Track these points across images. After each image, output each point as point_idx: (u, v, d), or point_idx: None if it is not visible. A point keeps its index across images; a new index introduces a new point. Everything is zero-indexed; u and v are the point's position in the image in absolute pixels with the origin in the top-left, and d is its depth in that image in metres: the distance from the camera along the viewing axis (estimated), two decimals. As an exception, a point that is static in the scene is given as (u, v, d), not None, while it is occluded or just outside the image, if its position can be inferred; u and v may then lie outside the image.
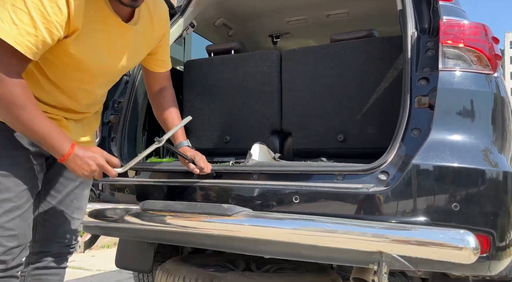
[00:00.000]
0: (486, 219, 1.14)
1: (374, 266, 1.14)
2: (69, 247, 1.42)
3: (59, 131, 1.17)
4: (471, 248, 1.04)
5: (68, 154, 1.16)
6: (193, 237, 1.44)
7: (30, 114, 1.09)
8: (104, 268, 3.93)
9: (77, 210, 1.42)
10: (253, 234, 1.28)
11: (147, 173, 1.71)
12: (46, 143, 1.14)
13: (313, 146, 1.94)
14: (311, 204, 1.33)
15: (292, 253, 1.32)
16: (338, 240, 1.17)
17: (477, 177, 1.17)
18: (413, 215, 1.19)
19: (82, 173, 1.20)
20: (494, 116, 1.26)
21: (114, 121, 1.90)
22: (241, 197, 1.44)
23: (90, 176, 1.21)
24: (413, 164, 1.21)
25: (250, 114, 2.07)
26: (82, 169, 1.19)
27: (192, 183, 1.54)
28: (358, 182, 1.30)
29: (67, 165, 1.21)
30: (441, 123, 1.25)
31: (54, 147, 1.15)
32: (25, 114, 1.09)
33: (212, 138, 2.18)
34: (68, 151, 1.15)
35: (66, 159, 1.17)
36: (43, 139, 1.13)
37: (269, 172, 1.47)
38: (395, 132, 1.33)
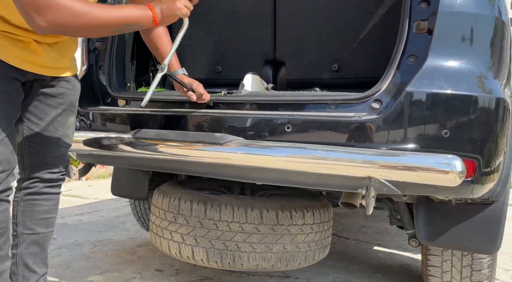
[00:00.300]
0: (474, 145, 1.16)
1: (363, 191, 1.18)
2: (59, 173, 1.44)
3: (130, 5, 1.18)
4: (457, 172, 1.07)
5: (155, 15, 1.15)
6: (186, 165, 1.47)
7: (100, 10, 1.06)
8: (101, 196, 4.07)
9: (64, 138, 1.42)
10: (245, 162, 1.30)
11: (138, 102, 1.68)
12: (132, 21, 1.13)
13: (307, 76, 1.90)
14: (304, 133, 1.34)
15: (283, 179, 1.35)
16: (329, 166, 1.19)
17: (470, 104, 1.16)
18: (404, 142, 1.20)
19: (182, 13, 1.21)
20: (493, 41, 1.22)
21: (101, 48, 1.83)
22: (233, 126, 1.44)
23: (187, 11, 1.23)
24: (407, 92, 1.20)
25: (242, 43, 2.00)
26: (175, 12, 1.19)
27: (184, 113, 1.53)
28: (351, 111, 1.30)
29: (166, 23, 1.23)
30: (439, 49, 1.21)
31: (141, 20, 1.14)
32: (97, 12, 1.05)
33: (203, 68, 2.12)
34: (152, 12, 1.15)
35: (157, 20, 1.16)
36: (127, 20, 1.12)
37: (262, 102, 1.46)
38: (391, 59, 1.30)
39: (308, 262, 1.64)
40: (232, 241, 1.53)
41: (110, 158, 1.66)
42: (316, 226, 1.62)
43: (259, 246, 1.53)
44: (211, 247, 1.54)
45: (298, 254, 1.59)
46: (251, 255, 1.54)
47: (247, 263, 1.54)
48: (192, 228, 1.57)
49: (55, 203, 1.48)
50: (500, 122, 1.19)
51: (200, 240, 1.55)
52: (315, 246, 1.63)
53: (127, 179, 2.23)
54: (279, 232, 1.54)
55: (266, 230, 1.53)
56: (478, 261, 1.64)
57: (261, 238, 1.53)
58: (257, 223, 1.53)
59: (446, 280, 1.74)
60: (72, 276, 1.97)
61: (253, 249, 1.53)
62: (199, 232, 1.55)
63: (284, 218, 1.55)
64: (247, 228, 1.53)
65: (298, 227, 1.56)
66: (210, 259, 1.55)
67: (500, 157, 1.24)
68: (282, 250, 1.55)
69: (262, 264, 1.55)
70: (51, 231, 1.48)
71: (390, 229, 3.04)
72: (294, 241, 1.57)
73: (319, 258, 1.68)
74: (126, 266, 2.13)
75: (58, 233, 2.70)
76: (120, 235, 2.73)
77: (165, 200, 1.64)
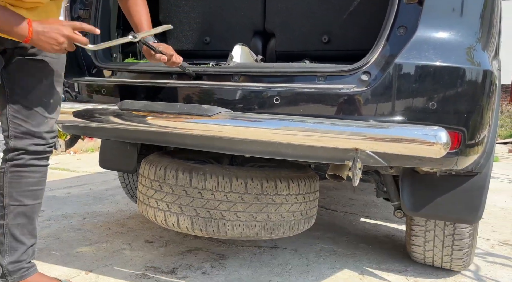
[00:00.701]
0: (459, 117, 1.17)
1: (349, 163, 1.20)
2: (45, 146, 1.42)
3: (11, 12, 1.09)
4: (442, 144, 1.09)
5: (30, 33, 1.10)
6: (173, 137, 1.46)
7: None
8: (90, 170, 4.05)
9: (49, 109, 1.39)
10: (232, 134, 1.30)
11: (124, 73, 1.65)
12: (3, 28, 1.08)
13: (296, 48, 1.88)
14: (292, 105, 1.33)
15: (271, 152, 1.36)
16: (316, 138, 1.20)
17: (457, 76, 1.16)
18: (392, 114, 1.21)
19: (52, 48, 1.16)
20: (483, 12, 1.21)
21: (84, 17, 1.76)
22: (221, 98, 1.43)
23: (62, 50, 1.18)
24: (395, 64, 1.20)
25: (231, 13, 1.96)
26: (50, 44, 1.14)
27: (172, 85, 1.50)
28: (340, 83, 1.29)
29: (35, 45, 1.17)
30: (429, 19, 1.20)
31: (13, 30, 1.08)
32: None
33: (191, 39, 2.08)
34: (28, 30, 1.10)
35: (30, 38, 1.11)
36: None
37: (250, 73, 1.44)
38: (381, 30, 1.28)
39: (292, 232, 1.66)
40: (216, 209, 1.55)
41: (95, 130, 1.64)
42: (301, 197, 1.64)
43: (243, 215, 1.56)
44: (196, 215, 1.57)
45: (283, 223, 1.61)
46: (235, 223, 1.56)
47: (231, 231, 1.57)
48: (177, 196, 1.59)
49: (43, 175, 1.46)
50: (486, 95, 1.20)
51: (185, 208, 1.58)
52: (300, 216, 1.66)
53: (115, 152, 2.22)
54: (264, 201, 1.56)
55: (250, 199, 1.55)
56: (459, 231, 1.69)
57: (246, 207, 1.56)
58: (242, 192, 1.55)
59: (429, 249, 1.80)
60: (61, 247, 1.98)
61: (237, 218, 1.56)
62: (184, 200, 1.58)
63: (268, 188, 1.56)
64: (232, 197, 1.55)
65: (282, 197, 1.58)
66: (195, 227, 1.58)
67: (485, 129, 1.26)
68: (266, 219, 1.58)
69: (246, 232, 1.58)
70: (39, 203, 1.47)
71: (377, 202, 3.11)
72: (278, 211, 1.59)
73: (303, 228, 1.71)
74: (115, 237, 2.15)
75: (47, 205, 2.70)
76: (109, 207, 2.74)
77: (152, 169, 1.65)
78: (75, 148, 5.41)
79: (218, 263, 1.88)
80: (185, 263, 1.86)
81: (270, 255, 2.00)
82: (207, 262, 1.87)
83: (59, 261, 1.83)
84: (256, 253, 2.02)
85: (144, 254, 1.95)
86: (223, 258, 1.94)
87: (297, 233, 1.71)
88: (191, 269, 1.80)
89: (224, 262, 1.88)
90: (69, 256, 1.88)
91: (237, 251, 2.03)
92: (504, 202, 3.36)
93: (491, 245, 2.31)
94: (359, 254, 2.05)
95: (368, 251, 2.09)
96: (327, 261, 1.95)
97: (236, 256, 1.97)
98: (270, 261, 1.92)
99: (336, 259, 1.98)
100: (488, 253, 2.18)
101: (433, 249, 1.79)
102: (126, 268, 1.78)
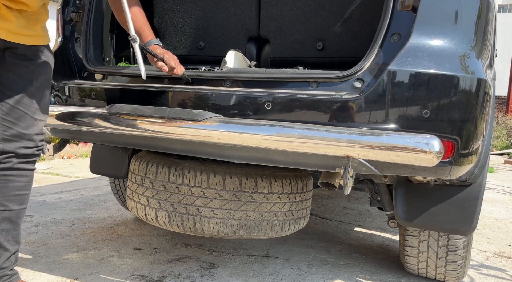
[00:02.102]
0: (453, 126, 1.15)
1: (341, 170, 1.17)
2: (34, 148, 1.39)
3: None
4: (435, 152, 1.06)
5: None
6: (162, 142, 1.43)
7: None
8: (83, 175, 4.01)
9: (39, 111, 1.37)
10: (222, 140, 1.27)
11: (115, 77, 1.62)
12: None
13: (291, 54, 1.86)
14: (284, 111, 1.31)
15: (262, 158, 1.33)
16: (306, 145, 1.17)
17: (452, 84, 1.15)
18: (385, 122, 1.19)
19: None
20: (477, 20, 1.20)
21: (77, 20, 1.75)
22: (212, 103, 1.40)
23: None
24: (389, 71, 1.18)
25: (225, 18, 1.94)
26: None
27: (163, 89, 1.48)
28: (332, 90, 1.27)
29: None
30: (422, 27, 1.19)
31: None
32: None
33: (185, 44, 2.06)
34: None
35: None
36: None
37: (243, 79, 1.42)
38: (374, 37, 1.27)
39: (275, 232, 1.61)
40: (193, 205, 1.53)
41: (84, 134, 1.61)
42: (285, 196, 1.58)
43: (220, 212, 1.52)
44: (173, 210, 1.55)
45: (263, 223, 1.56)
46: (211, 220, 1.53)
47: (208, 228, 1.54)
48: (156, 191, 1.58)
49: (29, 180, 1.43)
50: (480, 104, 1.18)
51: (163, 203, 1.57)
52: (284, 217, 1.60)
53: (106, 157, 2.18)
54: (242, 199, 1.52)
55: (228, 196, 1.52)
56: (453, 242, 1.66)
57: (223, 204, 1.52)
58: (219, 188, 1.52)
59: (423, 260, 1.77)
60: (47, 254, 1.94)
61: (214, 215, 1.53)
62: (163, 195, 1.56)
63: (248, 185, 1.52)
64: (209, 193, 1.52)
65: (263, 196, 1.54)
66: (172, 223, 1.57)
67: (479, 139, 1.23)
68: (244, 218, 1.53)
69: (223, 230, 1.54)
70: (24, 208, 1.44)
71: (372, 211, 3.08)
72: (258, 209, 1.54)
73: (289, 230, 1.64)
74: (104, 244, 2.11)
75: (36, 210, 2.65)
76: (100, 213, 2.69)
77: (136, 164, 1.65)
78: (68, 153, 5.36)
79: (208, 272, 1.84)
80: (174, 271, 1.82)
81: (262, 264, 1.96)
82: (197, 271, 1.83)
83: (44, 268, 1.78)
84: (247, 262, 1.98)
85: (133, 261, 1.91)
86: (213, 266, 1.90)
87: (283, 235, 1.65)
88: (180, 278, 1.76)
89: (214, 271, 1.84)
90: (55, 263, 1.84)
91: (227, 260, 1.99)
92: (499, 213, 3.34)
93: (486, 257, 2.28)
94: (352, 264, 2.01)
95: (361, 261, 2.05)
96: (320, 271, 1.92)
97: (227, 264, 1.93)
98: (261, 271, 1.89)
99: (328, 269, 1.94)
100: (482, 265, 2.15)
101: (426, 260, 1.76)
102: (113, 276, 1.74)
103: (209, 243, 2.20)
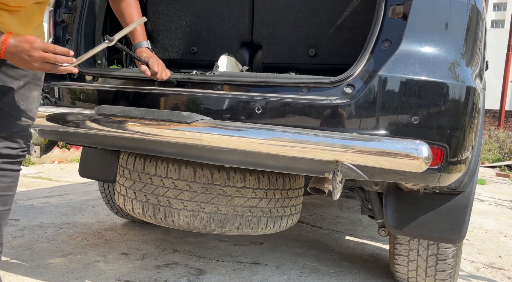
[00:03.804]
0: (442, 133, 1.15)
1: (330, 175, 1.16)
2: (19, 149, 1.36)
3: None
4: (424, 158, 1.06)
5: (2, 52, 1.07)
6: (151, 144, 1.41)
7: None
8: (73, 180, 3.96)
9: (26, 112, 1.34)
10: (211, 143, 1.26)
11: (106, 79, 1.61)
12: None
13: (283, 60, 1.87)
14: (274, 115, 1.30)
15: (251, 162, 1.32)
16: (296, 149, 1.16)
17: (442, 91, 1.15)
18: (374, 127, 1.18)
19: (28, 67, 1.13)
20: (468, 28, 1.21)
21: (69, 21, 1.74)
22: (202, 106, 1.40)
23: (39, 69, 1.14)
24: (379, 76, 1.18)
25: (218, 23, 1.95)
26: (24, 64, 1.11)
27: (152, 91, 1.47)
28: (323, 95, 1.27)
29: (11, 60, 1.14)
30: (413, 34, 1.19)
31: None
32: None
33: (178, 48, 2.06)
34: (1, 48, 1.07)
35: (2, 54, 1.08)
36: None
37: (233, 82, 1.41)
38: (365, 43, 1.27)
39: (250, 229, 1.56)
40: (164, 196, 1.53)
41: (72, 135, 1.59)
42: (261, 192, 1.53)
43: (190, 204, 1.51)
44: (146, 201, 1.56)
45: (235, 218, 1.52)
46: (181, 212, 1.52)
47: (178, 220, 1.53)
48: (133, 181, 1.59)
49: (14, 180, 1.40)
50: (470, 111, 1.18)
51: (138, 193, 1.58)
52: (260, 213, 1.54)
53: (96, 161, 2.16)
54: (213, 192, 1.50)
55: (198, 188, 1.50)
56: (443, 251, 1.65)
57: (193, 196, 1.50)
58: (190, 180, 1.50)
59: (412, 268, 1.75)
60: (32, 258, 1.90)
61: (184, 207, 1.51)
62: (138, 186, 1.57)
63: (219, 178, 1.49)
64: (179, 185, 1.51)
65: (236, 190, 1.50)
66: (145, 213, 1.57)
67: (468, 146, 1.23)
68: (215, 211, 1.51)
69: (193, 222, 1.52)
70: (7, 210, 1.40)
71: (363, 220, 3.07)
72: (230, 204, 1.51)
73: (267, 228, 1.58)
74: (90, 249, 2.07)
75: (23, 214, 2.61)
76: (88, 218, 2.65)
77: (121, 156, 1.68)
78: (59, 158, 5.31)
79: (196, 278, 1.81)
80: (161, 277, 1.79)
81: (251, 271, 1.94)
82: (184, 277, 1.80)
83: (27, 272, 1.74)
84: (236, 269, 1.95)
85: (119, 266, 1.87)
86: (201, 273, 1.87)
87: (261, 233, 1.60)
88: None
89: (202, 278, 1.81)
90: (38, 268, 1.80)
91: (216, 266, 1.96)
92: (490, 224, 3.34)
93: (476, 268, 2.27)
94: (342, 273, 1.99)
95: (351, 270, 2.04)
96: (309, 279, 1.89)
97: (215, 271, 1.90)
98: (250, 278, 1.86)
99: (318, 277, 1.92)
100: (472, 276, 2.14)
101: (416, 269, 1.75)
102: (98, 281, 1.70)
103: (198, 249, 2.17)
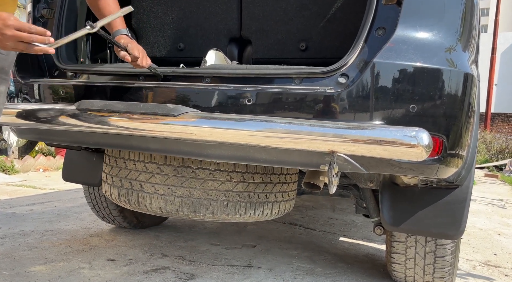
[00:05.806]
0: (441, 122, 1.10)
1: (326, 167, 1.10)
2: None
3: None
4: (424, 145, 1.01)
5: None
6: (135, 141, 1.34)
7: None
8: (58, 187, 3.84)
9: None
10: (200, 136, 1.19)
11: (88, 75, 1.53)
12: None
13: (273, 55, 1.81)
14: (265, 107, 1.25)
15: (243, 156, 1.25)
16: (290, 140, 1.10)
17: (438, 78, 1.11)
18: (370, 117, 1.13)
19: (1, 46, 1.06)
20: (463, 12, 1.17)
21: (48, 17, 1.66)
22: (190, 100, 1.33)
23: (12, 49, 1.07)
24: (373, 64, 1.13)
25: (206, 19, 1.89)
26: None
27: (137, 85, 1.40)
28: (316, 86, 1.22)
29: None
30: (408, 20, 1.15)
31: None
32: None
33: (164, 45, 1.99)
34: None
35: None
36: None
37: (223, 75, 1.35)
38: (359, 32, 1.23)
39: (227, 214, 1.48)
40: (136, 180, 1.49)
41: (52, 134, 1.50)
42: (237, 175, 1.45)
43: (161, 188, 1.45)
44: (121, 186, 1.52)
45: (209, 202, 1.45)
46: (153, 196, 1.46)
47: (150, 205, 1.48)
48: (111, 167, 1.56)
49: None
50: (468, 97, 1.14)
51: (115, 179, 1.55)
52: (237, 198, 1.46)
53: (80, 164, 2.07)
54: (184, 174, 1.44)
55: (169, 171, 1.44)
56: (441, 247, 1.60)
57: (164, 179, 1.45)
58: (161, 163, 1.45)
59: (410, 267, 1.70)
60: (12, 266, 1.79)
61: (155, 190, 1.46)
62: (114, 171, 1.54)
63: (191, 160, 1.43)
64: (151, 168, 1.46)
65: (208, 172, 1.44)
66: (120, 198, 1.54)
67: (466, 136, 1.19)
68: (187, 195, 1.45)
69: (166, 207, 1.46)
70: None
71: (357, 221, 3.02)
72: (203, 187, 1.44)
73: (247, 214, 1.49)
74: (75, 255, 1.97)
75: (4, 222, 2.49)
76: (73, 225, 2.55)
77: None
78: (44, 165, 5.16)
79: (186, 283, 1.72)
80: (149, 283, 1.70)
81: (243, 274, 1.86)
82: (174, 282, 1.72)
83: (6, 281, 1.64)
84: (228, 272, 1.87)
85: (105, 273, 1.78)
86: (192, 277, 1.79)
87: (241, 220, 1.52)
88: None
89: (192, 282, 1.74)
90: (18, 276, 1.69)
91: (207, 270, 1.88)
92: (483, 223, 3.32)
93: (472, 266, 2.23)
94: (337, 274, 1.93)
95: (347, 271, 1.97)
96: (304, 280, 1.82)
97: (206, 275, 1.82)
98: (243, 281, 1.78)
99: (313, 279, 1.85)
100: (469, 274, 2.09)
101: (414, 267, 1.69)
102: (82, 289, 1.61)
103: (188, 253, 2.09)
